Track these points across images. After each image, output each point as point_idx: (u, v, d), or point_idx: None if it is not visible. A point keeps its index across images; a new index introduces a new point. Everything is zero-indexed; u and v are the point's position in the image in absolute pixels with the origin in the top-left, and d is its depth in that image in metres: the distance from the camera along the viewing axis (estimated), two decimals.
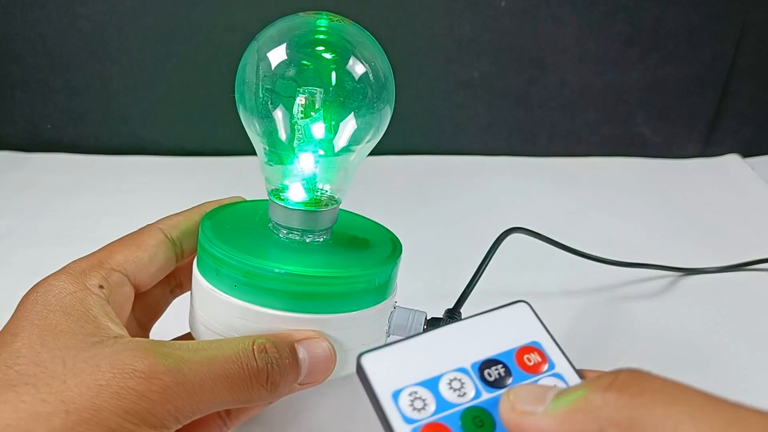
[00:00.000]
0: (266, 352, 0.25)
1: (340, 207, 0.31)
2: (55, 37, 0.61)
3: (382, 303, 0.30)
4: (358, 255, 0.30)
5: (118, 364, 0.22)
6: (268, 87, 0.28)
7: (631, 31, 0.64)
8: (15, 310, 0.25)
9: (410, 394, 0.20)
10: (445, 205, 0.59)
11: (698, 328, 0.44)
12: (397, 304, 0.32)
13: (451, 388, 0.20)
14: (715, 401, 0.16)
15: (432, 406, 0.20)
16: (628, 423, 0.16)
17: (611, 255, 0.47)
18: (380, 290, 0.29)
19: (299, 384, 0.27)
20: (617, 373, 0.18)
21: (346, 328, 0.28)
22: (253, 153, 0.73)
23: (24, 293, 0.26)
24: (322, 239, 0.30)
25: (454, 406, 0.20)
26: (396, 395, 0.20)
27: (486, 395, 0.20)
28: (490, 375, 0.21)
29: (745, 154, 0.70)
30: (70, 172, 0.63)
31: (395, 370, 0.20)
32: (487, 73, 0.65)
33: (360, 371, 0.20)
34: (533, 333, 0.22)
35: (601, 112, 0.68)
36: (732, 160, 0.70)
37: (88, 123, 0.66)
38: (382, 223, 0.35)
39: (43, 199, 0.58)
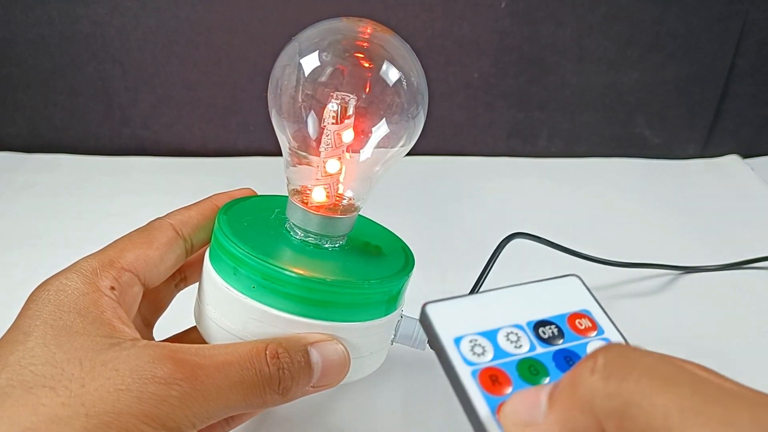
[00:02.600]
0: (278, 358, 0.25)
1: None
2: (56, 37, 0.62)
3: (393, 313, 0.30)
4: (374, 264, 0.30)
5: (138, 369, 0.22)
6: (308, 91, 0.28)
7: (631, 31, 0.64)
8: (24, 308, 0.25)
9: (470, 341, 0.22)
10: (445, 206, 0.59)
11: (697, 326, 0.44)
12: (403, 313, 0.32)
13: (508, 340, 0.22)
14: (706, 386, 0.15)
15: (490, 354, 0.21)
16: (620, 414, 0.16)
17: (611, 255, 0.47)
18: (393, 301, 0.29)
19: (312, 387, 0.27)
20: (596, 355, 0.17)
21: (358, 336, 0.28)
22: (254, 154, 0.73)
23: (25, 293, 0.26)
24: (338, 245, 0.30)
25: (510, 355, 0.22)
26: (458, 341, 0.21)
27: (540, 350, 0.22)
28: (544, 333, 0.23)
29: (745, 154, 0.70)
30: (71, 173, 0.63)
31: (456, 320, 0.22)
32: (487, 74, 0.65)
33: (424, 318, 0.22)
34: (584, 302, 0.24)
35: (601, 113, 0.68)
36: (732, 160, 0.69)
37: (89, 124, 0.66)
38: (382, 223, 0.35)
39: (44, 200, 0.58)
